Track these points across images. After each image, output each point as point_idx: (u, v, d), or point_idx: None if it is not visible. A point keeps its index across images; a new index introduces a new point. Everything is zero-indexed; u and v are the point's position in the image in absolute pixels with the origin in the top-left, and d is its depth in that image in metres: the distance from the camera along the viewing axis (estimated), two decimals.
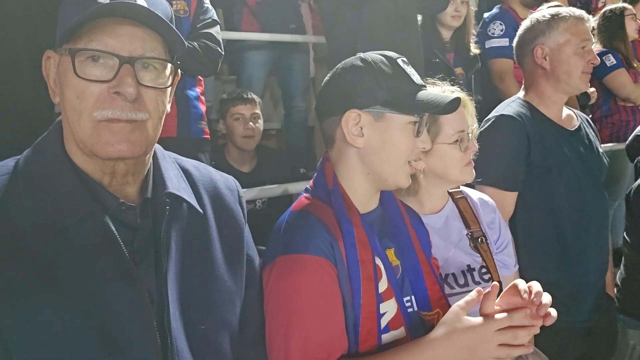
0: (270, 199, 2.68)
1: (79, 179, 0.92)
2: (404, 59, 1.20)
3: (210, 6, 2.43)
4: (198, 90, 2.45)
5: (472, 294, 1.10)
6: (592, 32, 1.89)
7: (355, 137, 1.15)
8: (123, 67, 0.86)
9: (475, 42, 3.03)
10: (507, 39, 2.98)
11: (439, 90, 1.43)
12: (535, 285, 1.10)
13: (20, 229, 0.86)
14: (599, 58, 1.90)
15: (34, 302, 0.84)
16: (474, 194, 1.62)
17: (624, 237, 2.35)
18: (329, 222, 1.14)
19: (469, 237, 1.52)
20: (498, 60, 3.03)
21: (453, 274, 1.46)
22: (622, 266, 2.24)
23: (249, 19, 3.27)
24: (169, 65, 0.93)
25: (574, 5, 4.35)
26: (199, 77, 2.45)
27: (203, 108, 2.49)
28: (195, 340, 0.96)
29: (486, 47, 3.06)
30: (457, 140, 1.43)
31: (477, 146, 1.48)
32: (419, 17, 2.84)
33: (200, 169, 1.11)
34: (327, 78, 1.23)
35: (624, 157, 3.32)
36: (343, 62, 1.22)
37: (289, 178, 2.88)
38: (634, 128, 3.58)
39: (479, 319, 1.08)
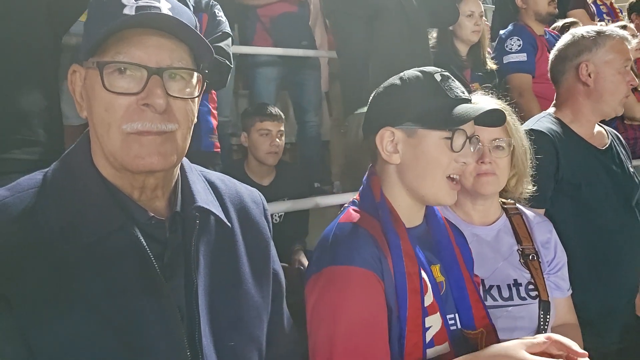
0: (287, 213, 2.65)
1: (109, 193, 0.90)
2: (444, 73, 1.19)
3: (223, 18, 2.40)
4: (210, 105, 2.43)
5: (541, 339, 1.05)
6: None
7: (390, 154, 1.18)
8: (151, 78, 0.85)
9: (492, 58, 3.04)
10: (525, 54, 3.00)
11: (486, 101, 1.42)
12: None
13: (50, 242, 0.84)
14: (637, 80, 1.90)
15: (63, 314, 0.82)
16: (530, 212, 1.60)
17: None
18: (377, 235, 1.13)
19: (520, 252, 1.50)
20: (517, 75, 3.02)
21: (498, 286, 1.44)
22: None
23: (262, 34, 3.28)
24: (195, 74, 0.92)
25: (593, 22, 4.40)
26: (212, 91, 2.44)
27: (214, 122, 2.48)
28: (225, 357, 0.94)
29: (504, 62, 3.05)
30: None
31: (499, 160, 1.45)
32: (434, 34, 2.86)
33: (226, 182, 1.10)
34: (371, 97, 1.25)
35: None
36: (386, 81, 1.24)
37: (307, 192, 2.86)
38: None
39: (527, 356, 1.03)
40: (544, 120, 1.85)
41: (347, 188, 2.52)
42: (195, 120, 0.95)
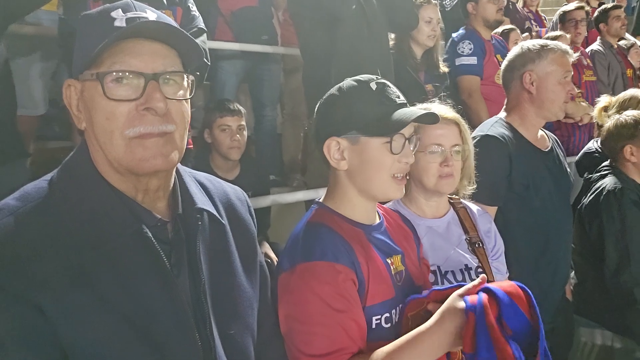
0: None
1: (119, 199, 0.94)
2: (380, 80, 1.27)
3: (197, 13, 2.40)
4: None
5: (474, 282, 1.14)
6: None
7: (338, 161, 1.26)
8: (149, 84, 0.89)
9: (444, 60, 3.21)
10: (476, 58, 3.21)
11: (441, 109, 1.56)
12: None
13: (71, 249, 0.87)
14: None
15: (89, 316, 0.86)
16: (473, 206, 1.76)
17: (572, 245, 2.58)
18: (342, 231, 1.24)
19: (467, 241, 1.65)
20: (467, 77, 3.23)
21: (452, 271, 1.58)
22: (574, 273, 2.48)
23: (223, 28, 3.29)
24: (186, 76, 0.97)
25: (522, 28, 4.73)
26: None
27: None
28: (227, 345, 1.01)
29: (456, 64, 3.25)
30: (432, 152, 1.56)
31: (456, 164, 1.59)
32: (392, 36, 3.00)
33: (213, 182, 1.16)
34: (316, 109, 1.33)
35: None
36: (327, 92, 1.31)
37: (268, 185, 2.93)
38: (575, 143, 3.93)
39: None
40: (496, 126, 2.02)
41: (312, 185, 2.61)
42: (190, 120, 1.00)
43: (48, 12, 2.50)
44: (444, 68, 3.13)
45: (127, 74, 0.88)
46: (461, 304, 1.10)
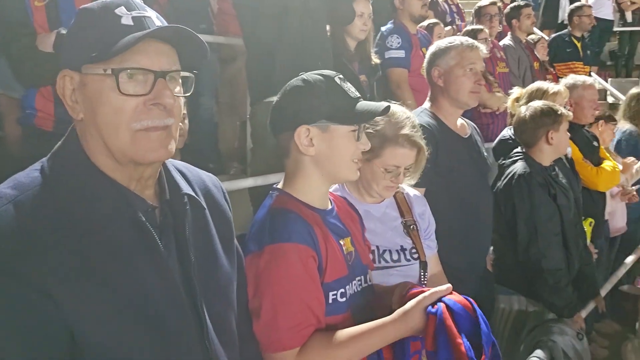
0: None
1: (113, 187, 0.98)
2: (341, 76, 1.41)
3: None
4: None
5: (442, 288, 1.34)
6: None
7: (307, 147, 1.38)
8: (158, 81, 0.95)
9: (375, 52, 3.39)
10: (403, 51, 3.42)
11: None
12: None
13: (72, 236, 0.91)
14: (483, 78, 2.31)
15: (95, 301, 0.91)
16: (411, 190, 1.93)
17: None
18: (304, 215, 1.37)
19: (403, 224, 1.82)
20: (395, 70, 3.44)
21: (389, 251, 1.76)
22: (492, 248, 2.77)
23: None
24: (181, 73, 1.01)
25: (444, 21, 5.02)
26: None
27: None
28: (214, 320, 1.08)
29: (385, 57, 3.44)
30: (389, 170, 1.69)
31: (401, 181, 1.75)
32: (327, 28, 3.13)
33: (190, 169, 1.21)
34: (276, 98, 1.44)
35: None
36: (288, 83, 1.42)
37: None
38: (493, 130, 4.27)
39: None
40: (422, 115, 2.22)
41: (255, 172, 2.70)
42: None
43: None
44: (375, 60, 3.30)
45: (138, 71, 0.93)
46: (425, 306, 1.28)
